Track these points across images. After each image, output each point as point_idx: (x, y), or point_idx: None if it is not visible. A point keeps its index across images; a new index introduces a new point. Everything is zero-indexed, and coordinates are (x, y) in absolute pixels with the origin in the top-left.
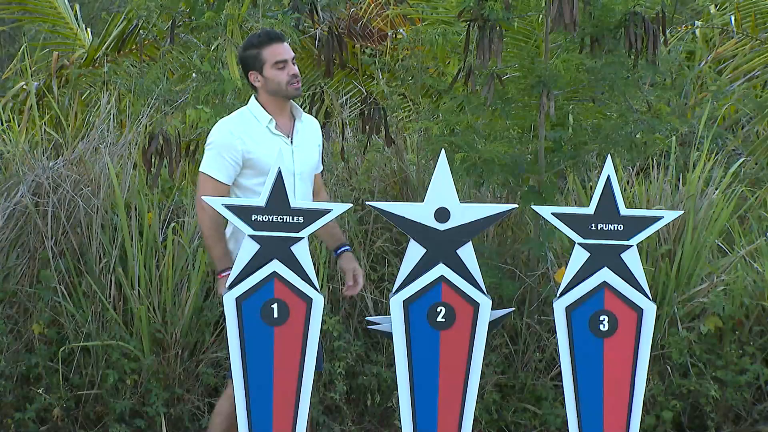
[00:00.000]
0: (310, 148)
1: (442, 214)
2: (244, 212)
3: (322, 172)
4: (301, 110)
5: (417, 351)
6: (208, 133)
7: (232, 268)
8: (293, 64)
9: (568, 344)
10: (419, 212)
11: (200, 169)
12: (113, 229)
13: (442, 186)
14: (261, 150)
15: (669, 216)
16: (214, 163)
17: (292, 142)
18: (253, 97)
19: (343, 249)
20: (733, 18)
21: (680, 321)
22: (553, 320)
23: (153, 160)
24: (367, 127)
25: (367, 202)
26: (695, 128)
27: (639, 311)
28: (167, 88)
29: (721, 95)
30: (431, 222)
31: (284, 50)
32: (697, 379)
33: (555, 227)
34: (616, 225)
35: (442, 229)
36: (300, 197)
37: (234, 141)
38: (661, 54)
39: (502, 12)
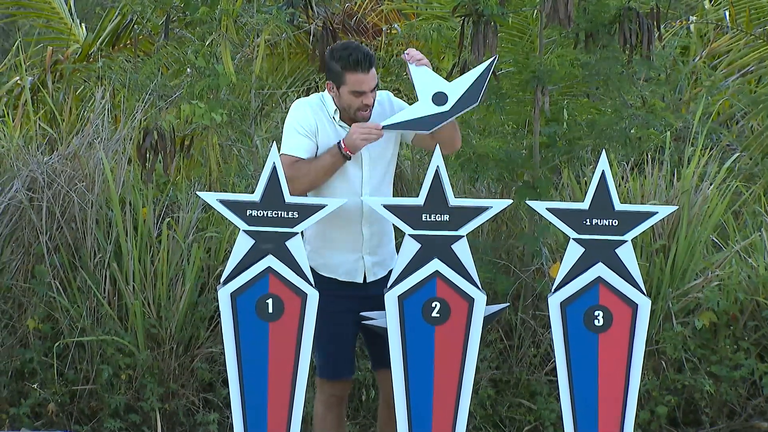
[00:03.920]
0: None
1: None
2: (238, 207)
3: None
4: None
5: (412, 346)
6: (205, 128)
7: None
8: (371, 92)
9: (562, 339)
10: None
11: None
12: (108, 225)
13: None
14: (327, 136)
15: (664, 211)
16: (288, 140)
17: None
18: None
19: None
20: (727, 13)
21: (675, 316)
22: (548, 315)
23: (147, 155)
24: None
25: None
26: (690, 123)
27: (634, 306)
28: (162, 84)
29: (715, 90)
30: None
31: (366, 81)
32: (692, 374)
33: (550, 222)
34: (610, 220)
35: None
36: (372, 186)
37: (309, 118)
38: (655, 49)
39: (497, 7)
